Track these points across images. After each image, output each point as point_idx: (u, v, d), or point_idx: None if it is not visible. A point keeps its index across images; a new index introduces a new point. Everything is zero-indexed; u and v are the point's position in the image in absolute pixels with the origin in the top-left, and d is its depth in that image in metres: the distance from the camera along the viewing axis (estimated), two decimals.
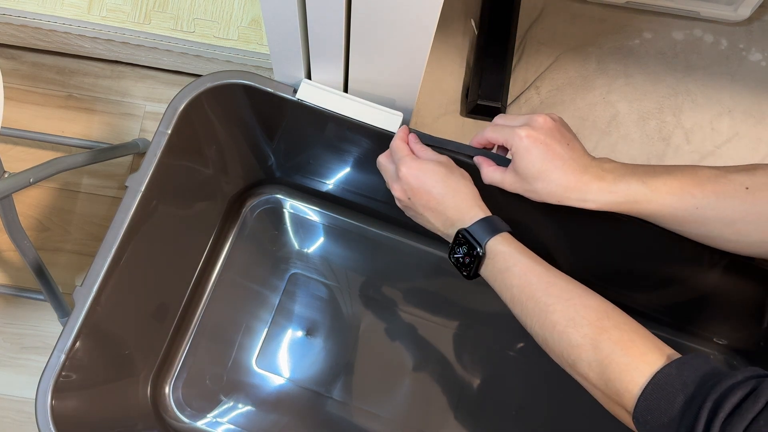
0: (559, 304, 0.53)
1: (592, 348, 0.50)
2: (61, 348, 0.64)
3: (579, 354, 0.50)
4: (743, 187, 0.55)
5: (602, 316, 0.51)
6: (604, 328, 0.50)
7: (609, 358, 0.49)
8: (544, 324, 0.53)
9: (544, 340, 0.54)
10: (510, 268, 0.56)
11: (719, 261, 0.70)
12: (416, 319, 0.86)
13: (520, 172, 0.59)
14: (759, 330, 0.80)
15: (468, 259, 0.59)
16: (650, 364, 0.47)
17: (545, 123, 0.59)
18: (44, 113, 1.02)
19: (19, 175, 0.73)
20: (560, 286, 0.54)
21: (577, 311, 0.52)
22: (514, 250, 0.57)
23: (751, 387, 0.43)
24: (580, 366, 0.50)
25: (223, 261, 0.88)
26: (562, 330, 0.51)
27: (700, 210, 0.56)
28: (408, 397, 0.84)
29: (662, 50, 0.96)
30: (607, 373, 0.48)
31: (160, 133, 0.69)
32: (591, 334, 0.50)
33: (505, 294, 0.57)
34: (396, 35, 0.57)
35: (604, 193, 0.57)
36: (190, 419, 0.82)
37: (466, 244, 0.59)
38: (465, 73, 0.96)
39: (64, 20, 0.90)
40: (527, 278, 0.55)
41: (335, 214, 0.90)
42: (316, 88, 0.68)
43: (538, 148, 0.57)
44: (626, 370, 0.48)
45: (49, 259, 0.96)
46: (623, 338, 0.49)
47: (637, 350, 0.48)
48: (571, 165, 0.57)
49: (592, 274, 0.84)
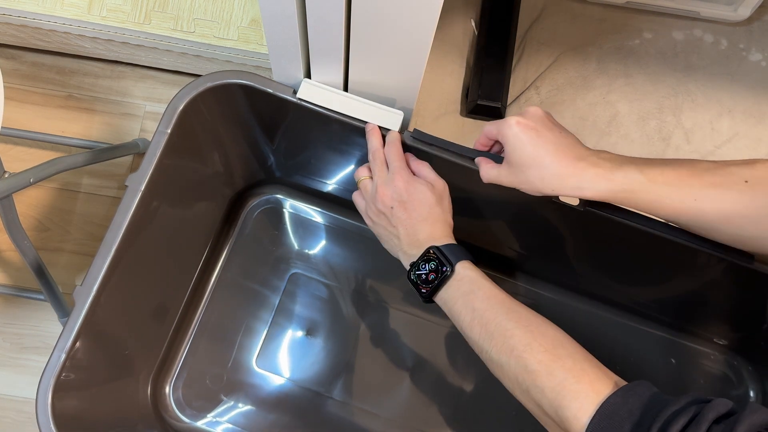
0: (518, 329, 0.54)
1: (546, 374, 0.51)
2: (61, 348, 0.64)
3: (534, 380, 0.51)
4: (742, 180, 0.55)
5: (557, 345, 0.53)
6: (559, 356, 0.52)
7: (561, 385, 0.50)
8: (501, 348, 0.54)
9: (500, 365, 0.55)
10: (474, 291, 0.58)
11: (719, 261, 0.70)
12: (416, 319, 0.86)
13: (513, 162, 0.58)
14: (759, 330, 0.80)
15: (433, 275, 0.60)
16: (598, 393, 0.48)
17: (536, 112, 0.59)
18: (44, 113, 1.03)
19: (19, 175, 0.73)
20: (520, 313, 0.56)
21: (535, 338, 0.53)
22: (480, 276, 0.59)
23: (692, 413, 0.44)
24: (534, 392, 0.52)
25: (223, 261, 0.87)
26: (519, 355, 0.53)
27: (698, 202, 0.56)
28: (408, 397, 0.84)
29: (662, 50, 0.96)
30: (558, 400, 0.49)
31: (159, 132, 0.69)
32: (546, 361, 0.51)
33: (464, 316, 0.58)
34: (396, 35, 0.57)
35: (601, 181, 0.56)
36: (190, 419, 0.82)
37: (436, 260, 0.60)
38: (465, 73, 0.96)
39: (64, 20, 0.90)
40: (490, 302, 0.57)
41: (335, 214, 0.90)
42: (317, 88, 0.68)
43: (528, 134, 0.57)
44: (576, 398, 0.49)
45: (49, 259, 0.96)
46: (575, 367, 0.51)
47: (587, 378, 0.50)
48: (564, 151, 0.57)
49: (593, 273, 0.84)
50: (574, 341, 0.54)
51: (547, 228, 0.76)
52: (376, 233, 0.68)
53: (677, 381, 0.85)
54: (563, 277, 0.86)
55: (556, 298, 0.87)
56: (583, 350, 0.53)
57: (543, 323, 0.55)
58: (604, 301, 0.87)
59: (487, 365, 0.57)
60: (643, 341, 0.86)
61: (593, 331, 0.87)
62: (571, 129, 0.91)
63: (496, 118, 0.93)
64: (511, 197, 0.64)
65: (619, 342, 0.86)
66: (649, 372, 0.85)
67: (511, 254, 0.86)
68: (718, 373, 0.85)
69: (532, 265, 0.87)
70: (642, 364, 0.85)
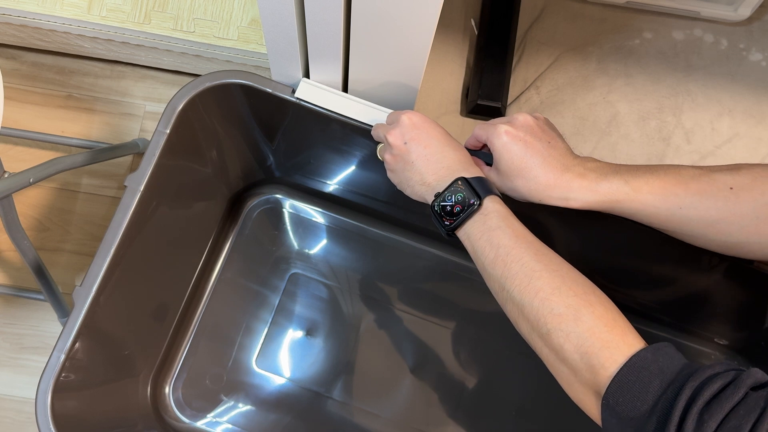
0: (546, 271, 0.51)
1: (573, 319, 0.48)
2: (61, 348, 0.64)
3: (558, 323, 0.48)
4: (727, 187, 0.55)
5: (588, 291, 0.50)
6: (590, 302, 0.49)
7: (590, 331, 0.47)
8: (526, 288, 0.51)
9: (521, 305, 0.51)
10: (502, 227, 0.54)
11: (720, 262, 0.70)
12: (416, 319, 0.86)
13: (501, 170, 0.58)
14: (759, 330, 0.80)
15: (458, 208, 0.56)
16: (630, 345, 0.46)
17: (525, 121, 0.58)
18: (44, 113, 1.03)
19: (19, 175, 0.73)
20: (549, 256, 0.53)
21: (564, 281, 0.50)
22: (508, 213, 0.56)
23: (731, 377, 0.42)
24: (556, 335, 0.48)
25: (223, 261, 0.87)
26: (545, 297, 0.50)
27: (684, 210, 0.56)
28: (408, 397, 0.84)
29: (662, 50, 0.96)
30: (585, 347, 0.47)
31: (159, 132, 0.69)
32: (575, 305, 0.49)
33: (487, 253, 0.54)
34: (396, 35, 0.57)
35: (587, 192, 0.57)
36: (190, 419, 0.82)
37: (463, 192, 0.56)
38: (465, 73, 0.96)
39: (64, 20, 0.90)
40: (518, 241, 0.53)
41: (335, 214, 0.90)
42: (315, 88, 0.68)
43: (516, 145, 0.57)
44: (606, 346, 0.46)
45: (49, 259, 0.96)
46: (606, 316, 0.48)
47: (619, 329, 0.47)
48: (552, 163, 0.57)
49: (593, 273, 0.84)
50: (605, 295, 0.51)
51: (544, 227, 0.76)
52: (399, 182, 0.62)
53: None
54: None
55: None
56: (613, 304, 0.50)
57: (572, 269, 0.52)
58: None
59: (502, 306, 0.54)
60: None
61: None
62: (571, 129, 0.91)
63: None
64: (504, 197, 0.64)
65: None
66: None
67: None
68: None
69: None
70: None
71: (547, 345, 0.50)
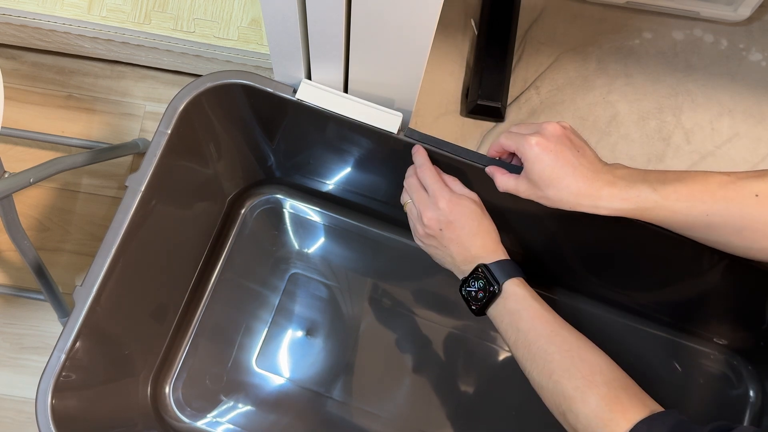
0: (558, 354, 0.56)
1: (581, 401, 0.53)
2: (61, 348, 0.64)
3: (570, 405, 0.54)
4: (753, 194, 0.55)
5: (595, 371, 0.54)
6: (595, 383, 0.53)
7: (594, 412, 0.52)
8: (542, 371, 0.56)
9: (540, 386, 0.57)
10: (520, 311, 0.60)
11: (719, 261, 0.70)
12: (416, 319, 0.86)
13: (532, 180, 0.60)
14: (759, 330, 0.80)
15: (481, 293, 0.63)
16: (629, 421, 0.50)
17: (555, 131, 0.59)
18: (44, 113, 1.03)
19: (19, 175, 0.73)
20: (563, 336, 0.58)
21: (573, 363, 0.55)
22: (527, 295, 0.61)
23: None
24: (570, 416, 0.54)
25: (223, 261, 0.87)
26: (557, 380, 0.55)
27: (710, 217, 0.57)
28: (408, 397, 0.84)
29: (662, 50, 0.96)
30: (592, 426, 0.51)
31: (159, 132, 0.69)
32: (582, 387, 0.53)
33: (510, 335, 0.61)
34: (396, 35, 0.57)
35: (616, 200, 0.58)
36: (190, 419, 0.82)
37: (484, 279, 0.63)
38: (465, 73, 0.96)
39: (64, 20, 0.90)
40: (534, 324, 0.59)
41: (335, 214, 0.90)
42: (316, 88, 0.68)
43: (548, 155, 0.58)
44: (607, 425, 0.51)
45: (49, 259, 0.96)
46: (609, 394, 0.52)
47: (620, 407, 0.51)
48: (582, 171, 0.58)
49: (593, 273, 0.84)
50: (615, 366, 0.56)
51: (545, 229, 0.76)
52: (429, 253, 0.70)
53: (677, 381, 0.85)
54: (562, 278, 0.86)
55: (555, 298, 0.87)
56: (623, 375, 0.55)
57: (584, 347, 0.57)
58: (604, 301, 0.87)
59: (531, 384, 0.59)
60: (643, 341, 0.86)
61: (593, 332, 0.86)
62: None
63: (496, 118, 0.94)
64: (506, 199, 0.64)
65: (619, 342, 0.86)
66: (649, 372, 0.85)
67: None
68: (718, 373, 0.85)
69: (531, 266, 0.87)
70: (642, 364, 0.85)
71: (567, 424, 0.55)
